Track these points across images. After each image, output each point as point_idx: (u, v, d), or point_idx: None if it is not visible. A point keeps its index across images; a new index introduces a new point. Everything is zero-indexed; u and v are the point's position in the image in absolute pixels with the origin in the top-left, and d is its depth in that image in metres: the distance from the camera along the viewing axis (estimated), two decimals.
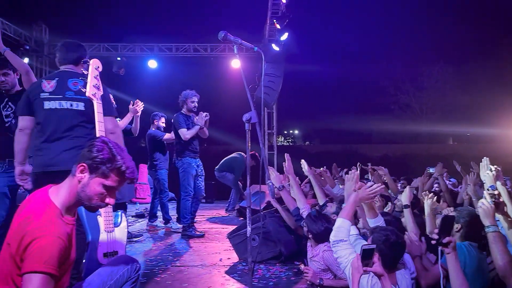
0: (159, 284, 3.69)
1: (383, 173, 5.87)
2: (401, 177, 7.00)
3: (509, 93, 22.04)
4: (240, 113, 2.66)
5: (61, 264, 1.73)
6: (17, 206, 3.94)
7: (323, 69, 30.32)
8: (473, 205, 4.01)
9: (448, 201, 4.89)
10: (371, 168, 6.51)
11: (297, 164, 4.62)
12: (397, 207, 4.20)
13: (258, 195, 6.44)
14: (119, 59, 10.41)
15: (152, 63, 10.72)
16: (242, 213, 7.50)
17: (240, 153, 8.25)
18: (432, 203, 3.29)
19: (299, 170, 4.72)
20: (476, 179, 4.40)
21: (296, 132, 43.60)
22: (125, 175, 1.88)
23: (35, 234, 1.68)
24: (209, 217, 7.83)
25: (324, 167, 6.44)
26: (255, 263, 3.94)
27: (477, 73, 27.47)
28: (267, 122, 11.37)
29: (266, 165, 2.83)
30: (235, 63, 10.42)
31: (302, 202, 4.14)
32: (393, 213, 4.03)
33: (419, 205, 4.30)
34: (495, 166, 3.05)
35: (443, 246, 2.23)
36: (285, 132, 40.69)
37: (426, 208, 3.30)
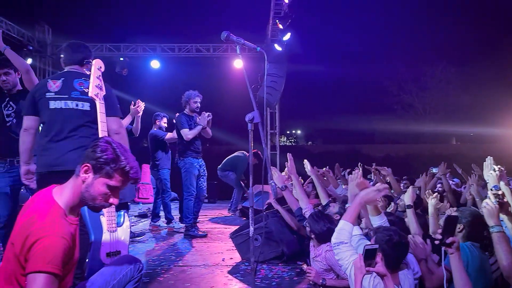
0: (161, 284, 3.69)
1: (386, 173, 5.86)
2: (404, 177, 6.98)
3: None
4: (242, 113, 2.67)
5: (65, 264, 1.73)
6: (20, 206, 3.97)
7: (326, 69, 30.29)
8: (476, 206, 4.00)
9: (451, 201, 4.86)
10: (374, 168, 6.49)
11: (299, 164, 4.61)
12: (399, 207, 4.19)
13: (260, 195, 6.44)
14: (122, 59, 10.42)
15: (154, 64, 10.72)
16: (244, 213, 7.51)
17: (243, 152, 8.25)
18: (436, 203, 3.28)
19: (301, 170, 4.72)
20: (478, 180, 4.39)
21: (298, 132, 43.58)
22: (129, 175, 1.89)
23: (39, 234, 1.69)
24: (212, 217, 7.84)
25: (326, 167, 6.43)
26: (257, 263, 3.93)
27: (480, 73, 27.41)
28: (269, 122, 11.34)
29: (268, 165, 2.83)
30: (238, 63, 10.42)
31: (304, 202, 4.14)
32: (396, 213, 4.03)
33: (422, 205, 4.30)
34: (499, 166, 3.03)
35: (447, 246, 2.23)
36: (288, 132, 40.71)
37: (430, 208, 3.29)
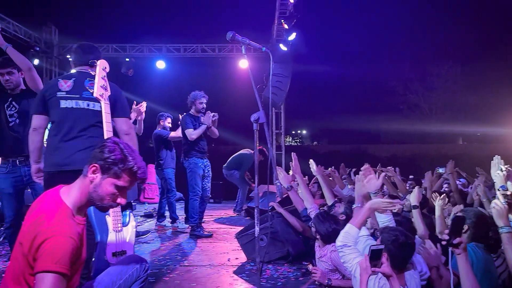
0: (167, 283, 3.70)
1: (392, 174, 5.83)
2: (410, 177, 6.93)
3: None
4: (248, 113, 2.67)
5: (72, 263, 1.74)
6: (26, 205, 4.00)
7: (331, 69, 30.17)
8: (483, 206, 3.97)
9: (457, 201, 4.83)
10: (380, 170, 6.45)
11: (305, 164, 4.61)
12: (405, 207, 4.17)
13: (266, 196, 6.44)
14: (127, 60, 10.47)
15: (160, 64, 10.74)
16: (250, 213, 7.51)
17: (248, 149, 8.25)
18: (443, 204, 3.26)
19: (307, 170, 4.71)
20: (485, 180, 4.36)
21: (304, 132, 43.49)
22: (136, 175, 1.90)
23: (47, 234, 1.70)
24: (217, 217, 7.85)
25: (332, 167, 6.42)
26: (263, 263, 3.94)
27: (487, 72, 27.19)
28: (275, 122, 11.34)
29: (274, 165, 2.83)
30: (243, 63, 10.42)
31: (309, 201, 4.14)
32: (402, 213, 4.01)
33: (428, 205, 4.28)
34: (507, 166, 3.01)
35: (454, 247, 2.21)
36: (293, 132, 40.65)
37: (437, 209, 3.27)
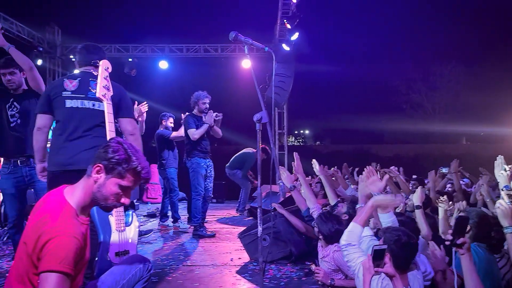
0: (170, 283, 3.71)
1: (394, 174, 5.80)
2: (413, 176, 6.91)
3: None
4: (250, 113, 2.67)
5: (76, 263, 1.75)
6: (29, 205, 4.01)
7: (334, 68, 30.15)
8: (487, 206, 3.96)
9: (460, 201, 4.82)
10: (383, 171, 6.41)
11: (308, 164, 4.60)
12: (408, 206, 4.16)
13: (269, 196, 6.44)
14: (130, 60, 10.49)
15: (163, 64, 10.76)
16: (252, 213, 7.52)
17: (251, 148, 8.25)
18: (447, 207, 3.25)
19: (309, 170, 4.70)
20: (489, 180, 4.34)
21: (306, 132, 43.48)
22: (140, 175, 1.91)
23: (51, 233, 1.70)
24: (220, 217, 7.85)
25: (335, 167, 6.40)
26: (266, 263, 3.94)
27: (490, 72, 27.13)
28: (277, 122, 11.33)
29: (277, 165, 2.83)
30: (246, 63, 10.42)
31: (312, 201, 4.14)
32: (406, 213, 4.00)
33: (431, 205, 4.26)
34: (510, 166, 3.00)
35: (457, 247, 2.20)
36: (296, 132, 40.64)
37: (440, 211, 3.25)
